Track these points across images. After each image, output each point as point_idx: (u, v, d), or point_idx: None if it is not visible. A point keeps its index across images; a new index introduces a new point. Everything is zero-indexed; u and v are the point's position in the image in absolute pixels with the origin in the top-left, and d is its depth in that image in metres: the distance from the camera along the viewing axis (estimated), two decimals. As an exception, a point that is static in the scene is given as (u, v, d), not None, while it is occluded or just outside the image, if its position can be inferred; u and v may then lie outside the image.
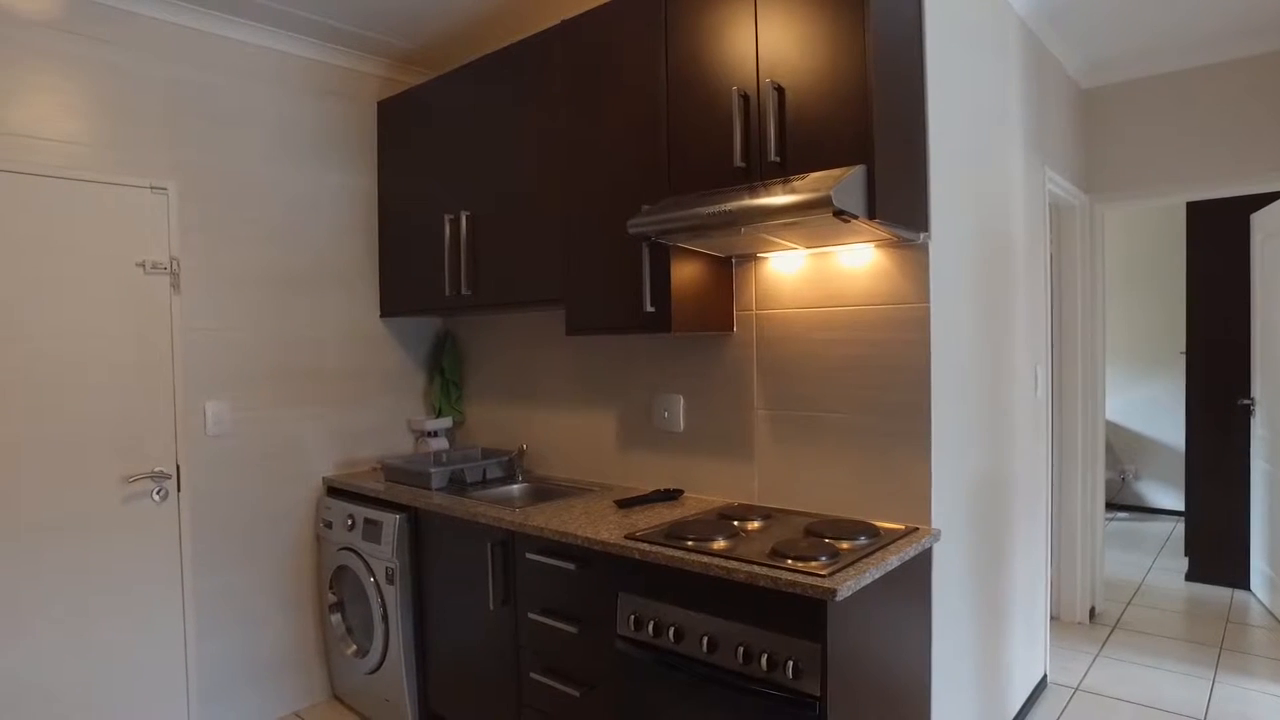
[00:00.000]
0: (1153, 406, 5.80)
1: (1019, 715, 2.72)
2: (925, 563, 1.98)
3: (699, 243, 2.10)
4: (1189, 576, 4.26)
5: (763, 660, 1.64)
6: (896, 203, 1.84)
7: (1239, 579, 4.09)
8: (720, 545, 1.85)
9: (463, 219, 2.78)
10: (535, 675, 2.23)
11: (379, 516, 2.68)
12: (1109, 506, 5.83)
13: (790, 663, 1.61)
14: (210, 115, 2.72)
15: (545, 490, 2.75)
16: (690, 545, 1.86)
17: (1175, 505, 5.65)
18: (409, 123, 3.05)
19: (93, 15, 2.44)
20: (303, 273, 2.97)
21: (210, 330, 2.71)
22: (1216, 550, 4.17)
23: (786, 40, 1.89)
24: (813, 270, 2.20)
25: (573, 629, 2.11)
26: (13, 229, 2.29)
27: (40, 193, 2.34)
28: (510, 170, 2.63)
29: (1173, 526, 5.42)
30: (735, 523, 2.07)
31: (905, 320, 2.01)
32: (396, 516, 2.63)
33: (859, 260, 2.10)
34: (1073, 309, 3.58)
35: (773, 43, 1.92)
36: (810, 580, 1.58)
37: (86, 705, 2.42)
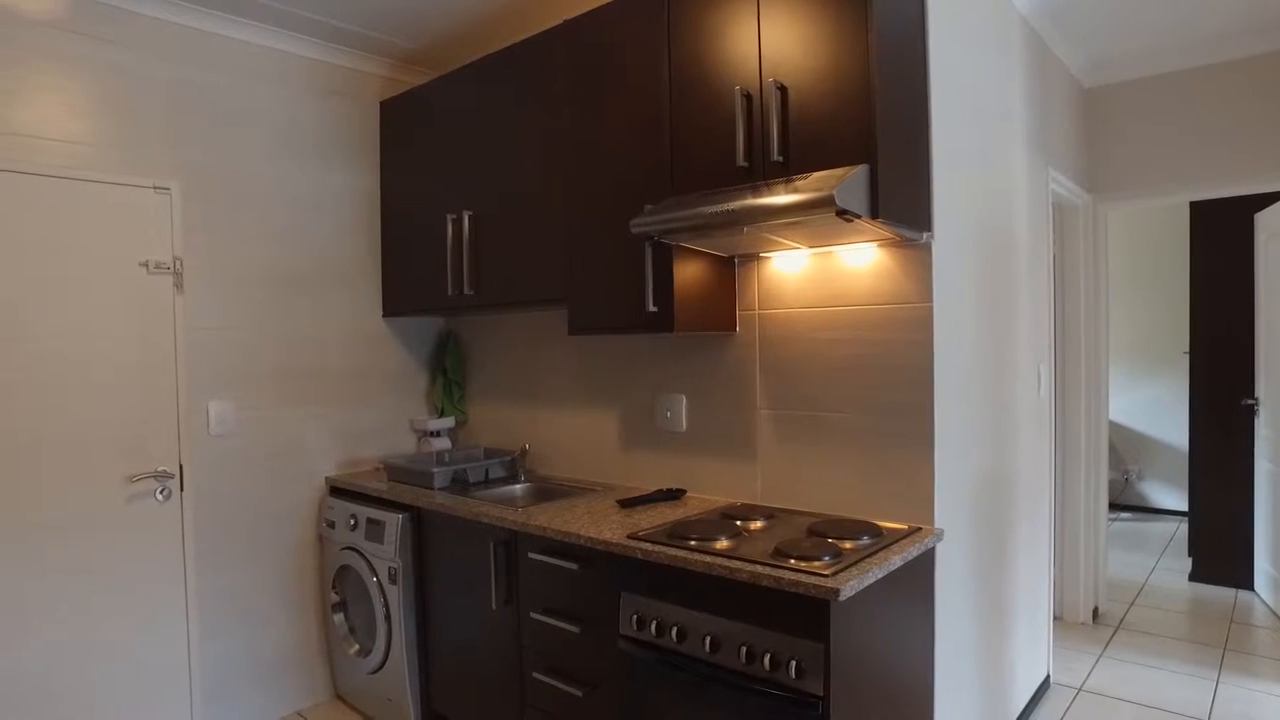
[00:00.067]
0: (1156, 406, 5.79)
1: (1022, 715, 2.71)
2: (928, 563, 1.97)
3: (702, 242, 2.10)
4: (1192, 577, 4.25)
5: (765, 660, 1.64)
6: (899, 202, 1.83)
7: (1243, 579, 4.08)
8: (723, 545, 1.85)
9: (465, 219, 2.78)
10: (538, 675, 2.23)
11: (382, 516, 2.69)
12: (1112, 506, 5.82)
13: (793, 663, 1.60)
14: (213, 115, 2.72)
15: (548, 490, 2.75)
16: (693, 545, 1.86)
17: (1179, 505, 5.64)
18: (411, 122, 3.05)
19: (96, 15, 2.44)
20: (305, 272, 2.98)
21: (213, 330, 2.72)
22: (1220, 550, 4.16)
23: (789, 39, 1.89)
24: (815, 270, 2.19)
25: (575, 629, 2.11)
26: (17, 229, 2.29)
27: (44, 193, 2.34)
28: (513, 170, 2.63)
29: (1176, 527, 5.41)
30: (738, 522, 2.07)
31: (908, 320, 2.01)
32: (399, 516, 2.64)
33: (862, 260, 2.10)
34: (1076, 309, 3.58)
35: (775, 42, 1.92)
36: (813, 580, 1.58)
37: (90, 705, 2.42)
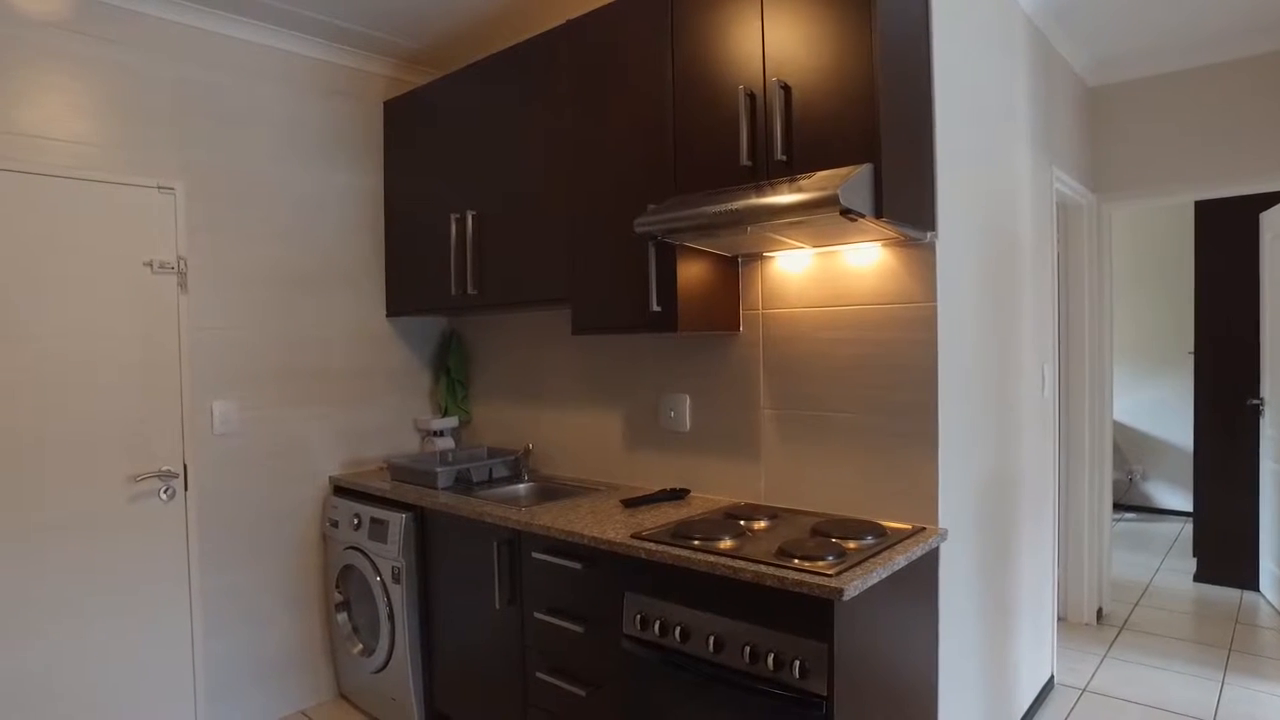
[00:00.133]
0: (1160, 407, 5.77)
1: (1026, 716, 2.71)
2: (932, 563, 1.97)
3: (705, 242, 2.10)
4: (1197, 577, 4.24)
5: (769, 660, 1.64)
6: (903, 201, 1.83)
7: (1248, 580, 4.07)
8: (727, 545, 1.85)
9: (469, 218, 2.78)
10: (541, 675, 2.23)
11: (385, 516, 2.69)
12: (1116, 507, 5.80)
13: (797, 662, 1.60)
14: (217, 115, 2.72)
15: (551, 490, 2.75)
16: (697, 545, 1.86)
17: (1183, 506, 5.63)
18: (415, 122, 3.05)
19: (100, 15, 2.45)
20: (309, 272, 2.98)
21: (217, 330, 2.72)
22: (1225, 551, 4.15)
23: (793, 39, 1.89)
24: (819, 269, 2.19)
25: (579, 628, 2.11)
26: (22, 229, 2.30)
27: (49, 193, 2.35)
28: (516, 170, 2.63)
29: (1180, 527, 5.40)
30: (741, 522, 2.07)
31: (912, 319, 2.01)
32: (403, 516, 2.64)
33: (865, 259, 2.09)
34: (1080, 308, 3.57)
35: (779, 41, 1.91)
36: (817, 580, 1.58)
37: (93, 704, 2.43)
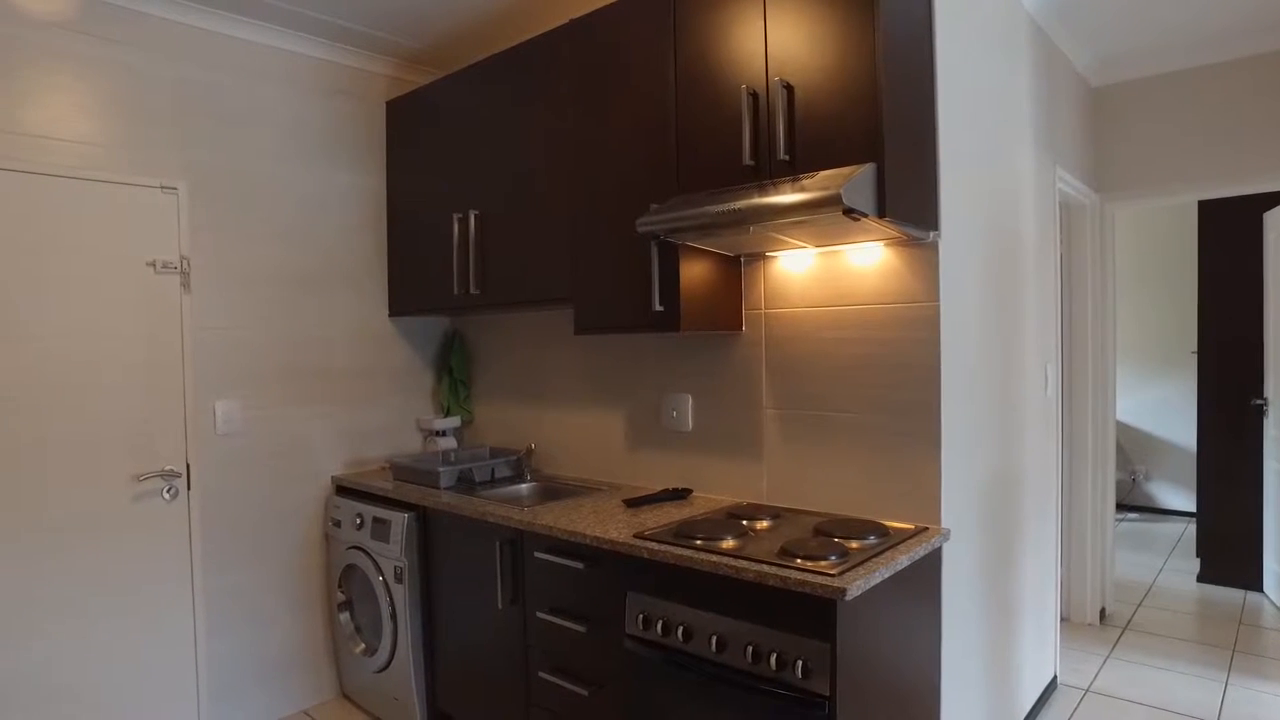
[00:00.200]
0: (1164, 407, 5.76)
1: (1029, 717, 2.70)
2: (935, 562, 1.97)
3: (708, 241, 2.10)
4: (1200, 578, 4.23)
5: (772, 660, 1.64)
6: (906, 201, 1.83)
7: (1252, 581, 4.06)
8: (729, 544, 1.85)
9: (471, 218, 2.78)
10: (544, 674, 2.23)
11: (388, 515, 2.69)
12: (1119, 507, 5.79)
13: (799, 662, 1.60)
14: (220, 115, 2.73)
15: (554, 489, 2.75)
16: (699, 544, 1.86)
17: (1186, 506, 5.62)
18: (417, 122, 3.05)
19: (103, 15, 2.45)
20: (312, 272, 2.98)
21: (220, 329, 2.72)
22: (1228, 552, 4.14)
23: (796, 38, 1.89)
24: (822, 269, 2.19)
25: (581, 628, 2.11)
26: (26, 229, 2.30)
27: (53, 193, 2.35)
28: (518, 169, 2.64)
29: (1184, 528, 5.39)
30: (744, 522, 2.07)
31: (915, 319, 2.00)
32: (405, 515, 2.64)
33: (868, 259, 2.09)
34: (1083, 308, 3.56)
35: (782, 41, 1.91)
36: (820, 580, 1.58)
37: (97, 704, 2.43)
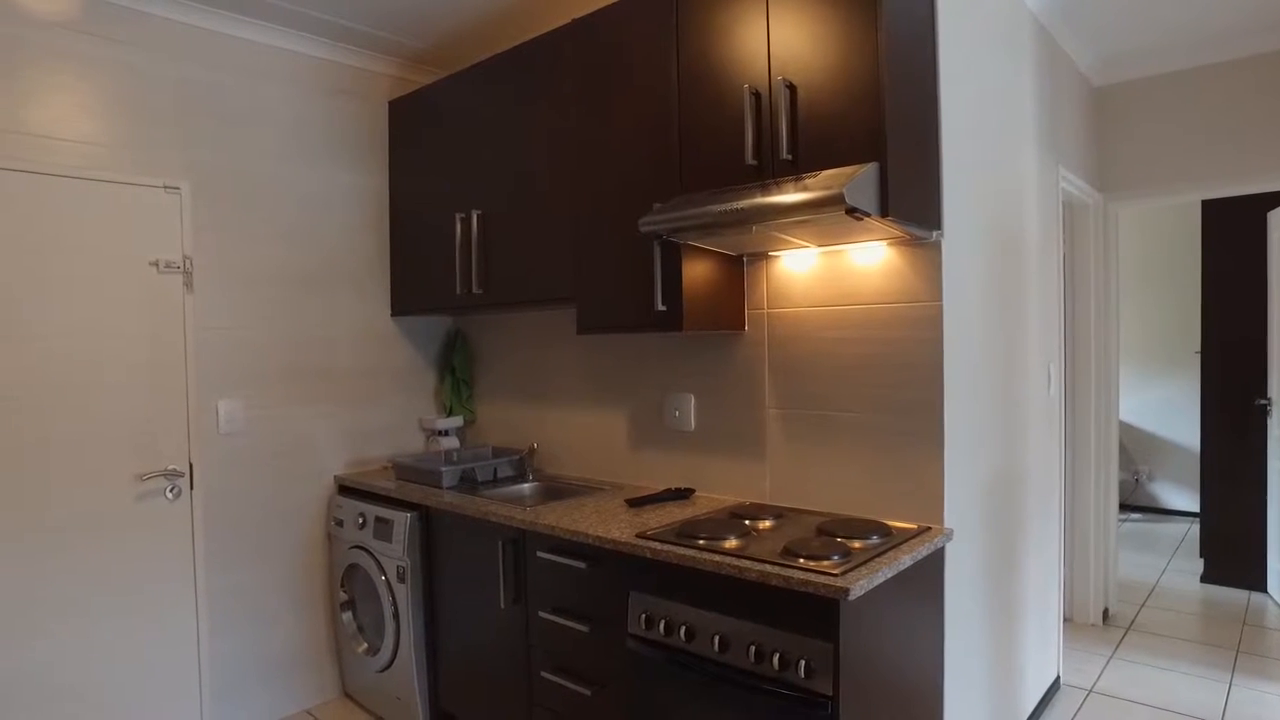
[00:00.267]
0: (1167, 407, 5.75)
1: (1032, 717, 2.70)
2: (938, 562, 1.97)
3: (710, 241, 2.10)
4: (1204, 578, 4.22)
5: (774, 659, 1.63)
6: (909, 200, 1.83)
7: (1255, 581, 4.05)
8: (732, 544, 1.85)
9: (473, 218, 2.78)
10: (546, 674, 2.23)
11: (390, 515, 2.69)
12: (1123, 507, 5.78)
13: (802, 662, 1.60)
14: (223, 115, 2.73)
15: (556, 489, 2.75)
16: (702, 544, 1.86)
17: (1190, 506, 5.60)
18: (420, 122, 3.05)
19: (106, 15, 2.46)
20: (314, 272, 2.99)
21: (223, 329, 2.73)
22: (1232, 552, 4.13)
23: (798, 38, 1.88)
24: (824, 269, 2.19)
25: (584, 628, 2.11)
26: (29, 229, 2.31)
27: (56, 193, 2.36)
28: (521, 169, 2.64)
29: (1187, 528, 5.37)
30: (747, 522, 2.07)
31: (918, 318, 2.00)
32: (408, 515, 2.64)
33: (871, 258, 2.09)
34: (1086, 308, 3.55)
35: (784, 40, 1.91)
36: (823, 579, 1.58)
37: (100, 703, 2.44)
